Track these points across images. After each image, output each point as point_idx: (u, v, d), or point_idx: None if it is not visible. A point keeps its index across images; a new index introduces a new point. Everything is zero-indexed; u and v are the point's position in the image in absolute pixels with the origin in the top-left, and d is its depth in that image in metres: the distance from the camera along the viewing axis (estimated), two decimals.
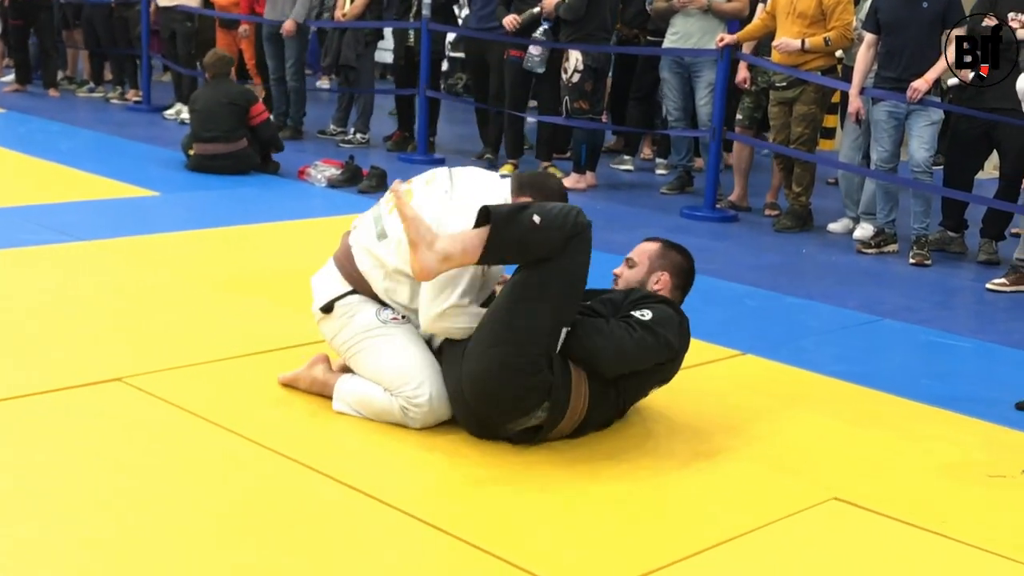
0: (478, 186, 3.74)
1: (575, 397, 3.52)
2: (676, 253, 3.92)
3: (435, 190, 3.73)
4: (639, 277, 3.86)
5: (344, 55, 9.48)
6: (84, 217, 6.46)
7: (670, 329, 3.60)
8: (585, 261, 3.49)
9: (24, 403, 3.68)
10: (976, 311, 5.75)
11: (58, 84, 12.30)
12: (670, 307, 3.69)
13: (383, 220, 3.77)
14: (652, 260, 3.89)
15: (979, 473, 3.60)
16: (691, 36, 7.89)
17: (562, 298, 3.46)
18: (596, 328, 3.53)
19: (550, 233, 3.40)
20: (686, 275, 3.90)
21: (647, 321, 3.56)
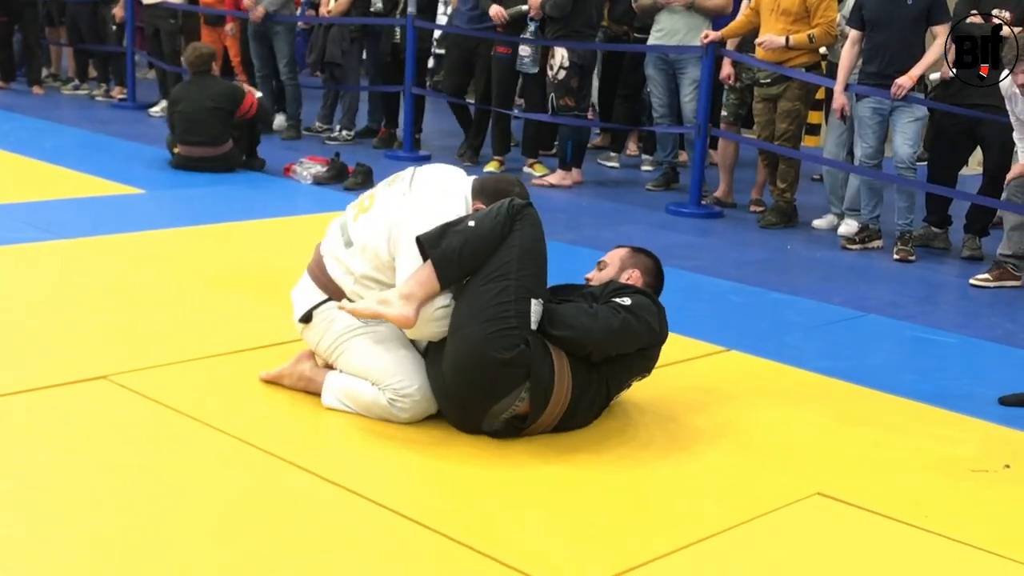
0: (437, 184, 3.78)
1: (558, 382, 3.53)
2: (645, 256, 4.04)
3: (394, 192, 3.80)
4: (610, 276, 3.94)
5: (329, 52, 9.47)
6: (69, 215, 6.45)
7: (650, 314, 3.69)
8: (535, 234, 3.59)
9: (8, 401, 3.67)
10: (960, 306, 5.78)
11: (42, 81, 12.25)
12: (647, 296, 3.78)
13: (348, 228, 3.81)
14: (623, 260, 4.00)
15: (962, 468, 3.62)
16: (676, 33, 7.90)
17: (521, 269, 3.53)
18: (582, 310, 3.62)
19: (490, 229, 3.53)
20: (655, 275, 4.00)
21: (628, 305, 3.65)
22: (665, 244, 6.62)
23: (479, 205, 3.74)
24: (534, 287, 3.54)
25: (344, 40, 9.48)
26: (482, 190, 3.81)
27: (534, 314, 3.52)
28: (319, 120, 10.18)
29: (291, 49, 9.91)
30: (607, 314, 3.60)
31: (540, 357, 3.51)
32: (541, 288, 3.58)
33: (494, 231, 3.53)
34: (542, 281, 3.60)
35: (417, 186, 3.78)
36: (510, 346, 3.45)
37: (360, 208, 3.85)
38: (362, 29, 9.60)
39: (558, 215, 7.34)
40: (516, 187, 3.89)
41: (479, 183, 3.85)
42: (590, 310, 3.61)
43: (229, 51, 10.48)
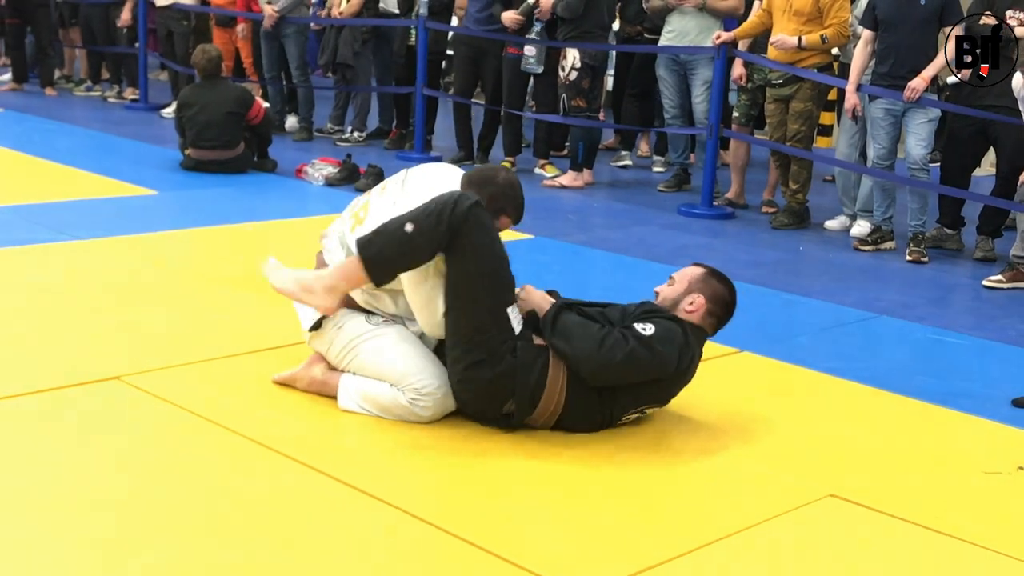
0: (428, 186, 3.75)
1: (548, 392, 3.54)
2: (718, 282, 3.80)
3: (386, 200, 3.80)
4: (674, 296, 3.75)
5: (341, 53, 9.48)
6: (82, 216, 6.46)
7: (670, 347, 3.52)
8: (487, 239, 3.52)
9: (22, 402, 3.68)
10: (973, 308, 5.76)
11: (55, 83, 12.28)
12: (678, 325, 3.60)
13: (346, 238, 3.82)
14: (692, 282, 3.77)
15: (975, 470, 3.61)
16: (687, 34, 7.90)
17: (484, 288, 3.52)
18: (591, 331, 3.51)
19: (429, 234, 3.46)
20: (724, 305, 3.78)
21: (646, 335, 3.50)
22: (677, 245, 6.63)
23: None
24: (504, 297, 3.53)
25: (356, 41, 9.48)
26: (470, 182, 3.78)
27: (515, 320, 3.54)
28: (331, 121, 10.19)
29: (302, 51, 9.93)
30: (614, 344, 3.46)
31: (531, 364, 3.52)
32: (507, 293, 3.56)
33: (432, 242, 3.48)
34: (508, 284, 3.57)
35: (409, 189, 3.78)
36: (495, 362, 3.50)
37: (356, 219, 3.85)
38: (373, 30, 9.61)
39: (569, 216, 7.34)
40: (501, 173, 3.86)
41: (466, 177, 3.82)
42: (600, 332, 3.49)
43: (241, 52, 10.50)
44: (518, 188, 3.85)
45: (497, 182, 3.79)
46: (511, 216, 3.83)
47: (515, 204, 3.82)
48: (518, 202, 3.84)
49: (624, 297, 3.99)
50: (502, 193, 3.77)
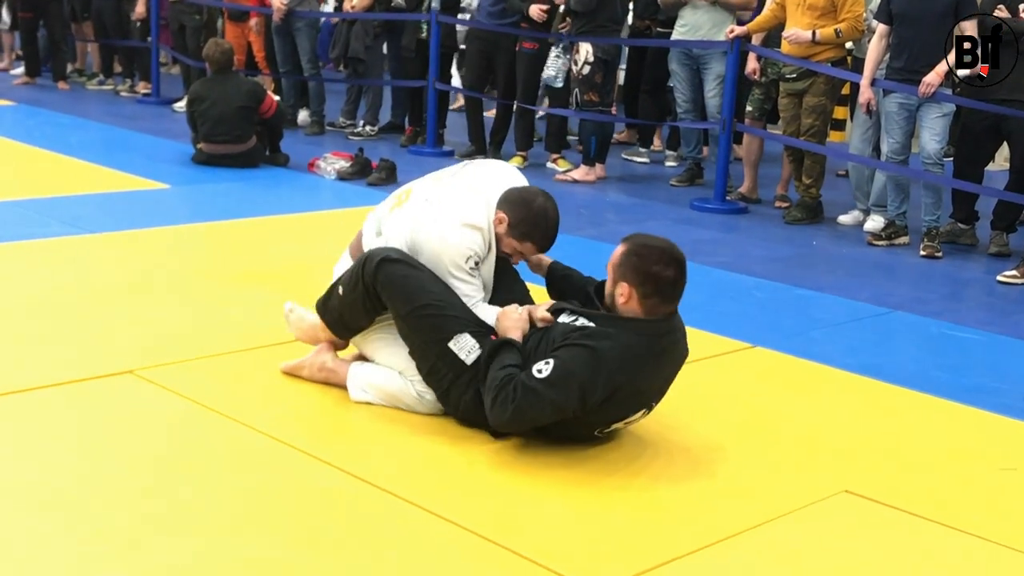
0: (460, 199, 3.75)
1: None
2: (637, 258, 3.36)
3: (419, 197, 3.82)
4: (609, 291, 3.46)
5: (352, 47, 9.46)
6: (94, 210, 6.47)
7: (564, 387, 3.25)
8: (403, 289, 3.57)
9: (35, 395, 3.69)
10: (987, 303, 5.74)
11: (67, 77, 12.30)
12: (588, 351, 3.28)
13: (381, 219, 3.87)
14: (614, 270, 3.43)
15: (990, 466, 3.59)
16: (700, 28, 7.88)
17: (416, 331, 3.59)
18: (491, 386, 3.36)
19: (353, 295, 3.69)
20: (653, 280, 3.34)
21: (537, 379, 3.27)
22: (690, 240, 6.60)
23: (501, 215, 3.71)
24: (437, 337, 3.54)
25: (367, 36, 9.47)
26: (506, 200, 3.75)
27: (463, 351, 3.52)
28: (343, 116, 10.18)
29: (313, 45, 9.92)
30: (504, 400, 3.29)
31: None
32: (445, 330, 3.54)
33: (359, 302, 3.69)
34: (442, 322, 3.55)
35: (447, 194, 3.78)
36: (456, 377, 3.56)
37: (397, 201, 3.89)
38: (385, 24, 9.60)
39: (582, 211, 7.33)
40: (539, 199, 3.75)
41: (507, 194, 3.77)
42: (498, 385, 3.31)
43: (253, 47, 10.49)
44: (552, 218, 3.76)
45: (532, 207, 3.72)
46: (536, 243, 3.78)
47: (543, 233, 3.76)
48: (547, 232, 3.76)
49: None
50: (532, 220, 3.72)
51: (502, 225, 3.72)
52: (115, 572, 2.68)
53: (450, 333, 3.54)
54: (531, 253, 3.81)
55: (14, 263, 5.28)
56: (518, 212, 3.70)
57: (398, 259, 3.61)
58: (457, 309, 3.60)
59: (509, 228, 3.72)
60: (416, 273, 3.61)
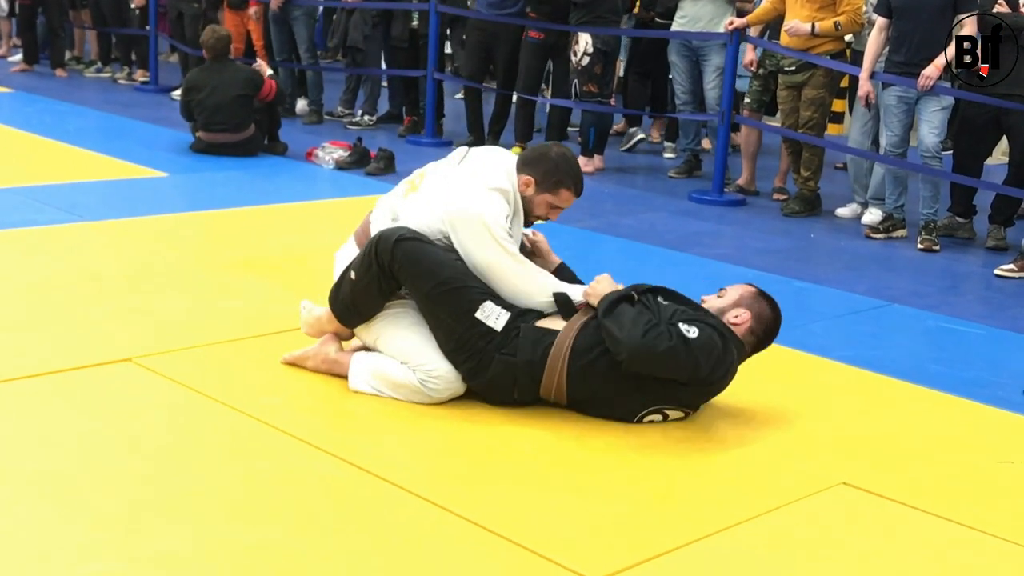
0: (480, 168, 3.83)
1: (548, 374, 3.57)
2: (767, 304, 3.79)
3: (441, 173, 3.88)
4: (721, 306, 3.74)
5: (351, 36, 9.45)
6: (92, 197, 6.46)
7: (706, 356, 3.50)
8: (422, 263, 3.60)
9: (34, 383, 3.69)
10: (984, 297, 5.74)
11: (65, 64, 12.27)
12: (721, 338, 3.57)
13: (395, 206, 3.87)
14: (743, 297, 3.77)
15: (987, 459, 3.60)
16: (699, 20, 7.87)
17: (440, 306, 3.61)
18: (642, 320, 3.48)
19: (367, 278, 3.66)
20: (767, 327, 3.77)
21: (689, 337, 3.48)
22: (688, 232, 6.61)
23: (525, 178, 3.78)
24: (463, 308, 3.58)
25: (366, 25, 9.46)
26: (525, 162, 3.84)
27: (491, 318, 3.58)
28: (341, 105, 10.17)
29: (311, 34, 9.91)
30: (659, 335, 3.44)
31: (528, 350, 3.57)
32: (470, 300, 3.59)
33: (373, 285, 3.66)
34: (466, 292, 3.60)
35: (462, 170, 3.84)
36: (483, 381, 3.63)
37: (411, 186, 3.91)
38: (383, 14, 9.58)
39: (580, 202, 7.26)
40: (554, 148, 3.91)
41: (521, 157, 3.88)
42: (650, 322, 3.47)
43: (252, 35, 10.47)
44: (574, 160, 3.90)
45: (551, 157, 3.84)
46: (571, 188, 3.86)
47: (573, 176, 3.86)
48: (576, 173, 3.88)
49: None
50: (557, 167, 3.82)
51: (530, 187, 3.79)
52: (113, 558, 2.68)
53: (474, 303, 3.59)
54: (568, 202, 3.89)
55: (12, 251, 5.28)
56: (541, 166, 3.80)
57: (412, 237, 3.64)
58: (474, 279, 3.65)
59: (538, 185, 3.80)
60: (432, 249, 3.65)
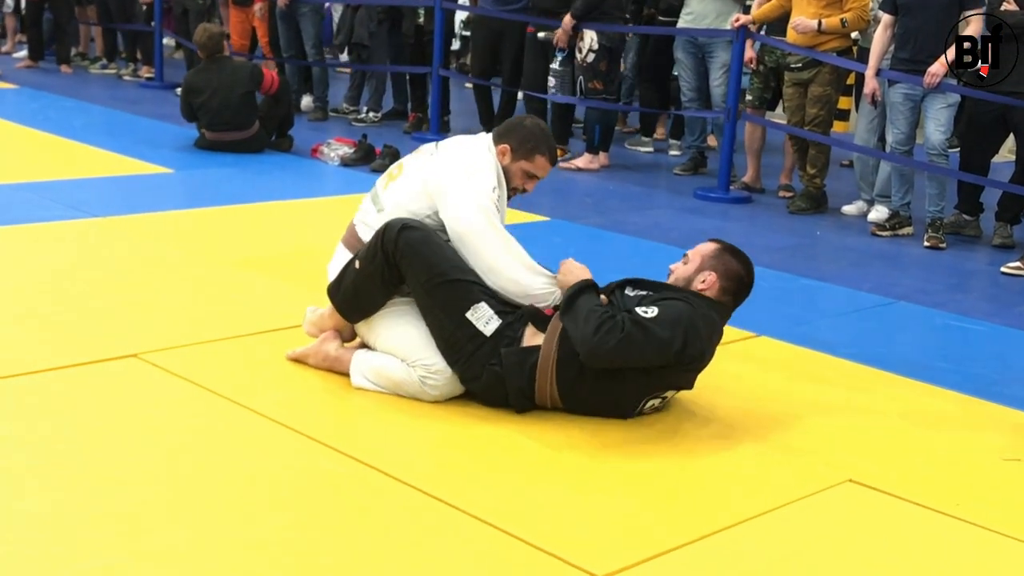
0: (460, 142, 3.94)
1: (539, 388, 3.57)
2: (732, 257, 3.75)
3: (422, 155, 3.94)
4: (687, 275, 3.72)
5: (357, 33, 9.45)
6: (97, 194, 6.47)
7: (670, 330, 3.43)
8: (423, 256, 3.60)
9: (39, 379, 3.69)
10: (991, 294, 5.73)
11: (71, 60, 12.28)
12: (686, 304, 3.52)
13: (379, 196, 3.92)
14: (704, 259, 3.73)
15: (993, 456, 3.59)
16: (705, 17, 7.87)
17: (436, 301, 3.61)
18: (591, 317, 3.44)
19: (371, 267, 3.66)
20: (738, 281, 3.72)
21: (646, 318, 3.43)
22: (693, 229, 6.60)
23: (502, 147, 3.87)
24: (457, 306, 3.58)
25: (371, 21, 9.46)
26: (499, 133, 3.94)
27: (481, 321, 3.57)
28: (346, 101, 10.17)
29: (317, 30, 9.90)
30: (610, 329, 3.38)
31: (515, 366, 3.56)
32: (465, 299, 3.59)
33: (375, 275, 3.66)
34: (462, 291, 3.60)
35: (443, 147, 3.93)
36: (477, 389, 3.63)
37: (390, 177, 3.96)
38: (389, 11, 9.58)
39: (586, 199, 7.32)
40: (527, 119, 4.02)
41: (495, 130, 3.98)
42: (601, 316, 3.42)
43: (257, 32, 10.48)
44: (547, 129, 4.02)
45: (525, 125, 3.95)
46: (545, 154, 3.92)
47: (547, 142, 3.94)
48: (549, 141, 3.96)
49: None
50: (531, 134, 3.91)
51: (506, 156, 3.88)
52: (117, 554, 2.68)
53: (468, 302, 3.58)
54: (544, 170, 3.95)
55: (17, 246, 5.28)
56: (516, 135, 3.90)
57: (416, 227, 3.66)
58: (473, 275, 3.66)
59: (513, 152, 3.88)
60: (436, 241, 3.66)
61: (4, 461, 3.12)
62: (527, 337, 3.61)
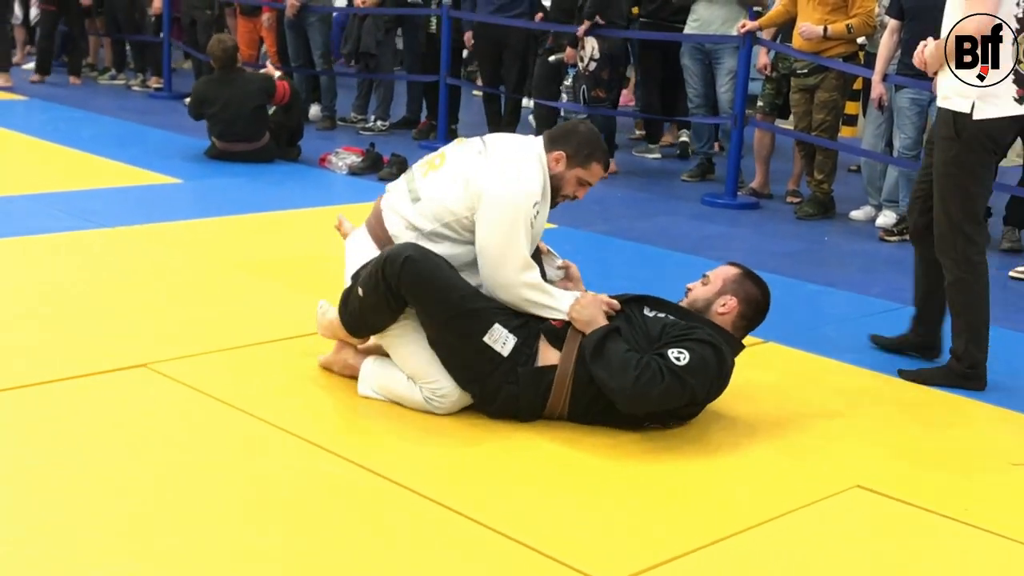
0: (511, 145, 3.83)
1: (552, 403, 3.58)
2: (753, 284, 3.79)
3: (468, 150, 3.82)
4: (707, 296, 3.75)
5: (364, 42, 9.48)
6: (107, 204, 6.49)
7: (702, 378, 3.48)
8: (429, 285, 3.55)
9: (49, 389, 3.70)
10: (999, 299, 5.66)
11: (80, 72, 12.31)
12: (714, 351, 3.53)
13: (416, 183, 3.82)
14: (726, 283, 3.76)
15: (1002, 461, 3.59)
16: (712, 23, 7.88)
17: (448, 329, 3.58)
18: (630, 361, 3.43)
19: (375, 296, 3.58)
20: (755, 308, 3.77)
21: (680, 367, 3.43)
22: (701, 235, 6.61)
23: (556, 154, 3.78)
24: (471, 331, 3.55)
25: (379, 30, 9.48)
26: (553, 139, 3.85)
27: (498, 343, 3.54)
28: (354, 110, 10.20)
29: (326, 40, 9.93)
30: (651, 379, 3.38)
31: (531, 386, 3.56)
32: (478, 322, 3.56)
33: (380, 303, 3.60)
34: (473, 315, 3.57)
35: (492, 147, 3.82)
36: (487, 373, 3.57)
37: (431, 165, 3.85)
38: (396, 19, 9.61)
39: (593, 206, 7.31)
40: (581, 124, 3.97)
41: (548, 134, 3.88)
42: (638, 365, 3.40)
43: (265, 41, 10.52)
44: (599, 134, 3.97)
45: (581, 131, 3.88)
46: (601, 161, 3.88)
47: (602, 149, 3.90)
48: (604, 148, 3.93)
49: (648, 288, 3.97)
50: (587, 141, 3.84)
51: (560, 164, 3.79)
52: (126, 561, 2.69)
53: (483, 327, 3.55)
54: (597, 177, 3.90)
55: (28, 257, 5.30)
56: (571, 141, 3.81)
57: (419, 258, 3.56)
58: (483, 300, 3.63)
59: (570, 160, 3.80)
60: (440, 270, 3.58)
61: (13, 469, 3.14)
62: (542, 353, 3.60)
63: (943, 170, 4.21)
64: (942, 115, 4.21)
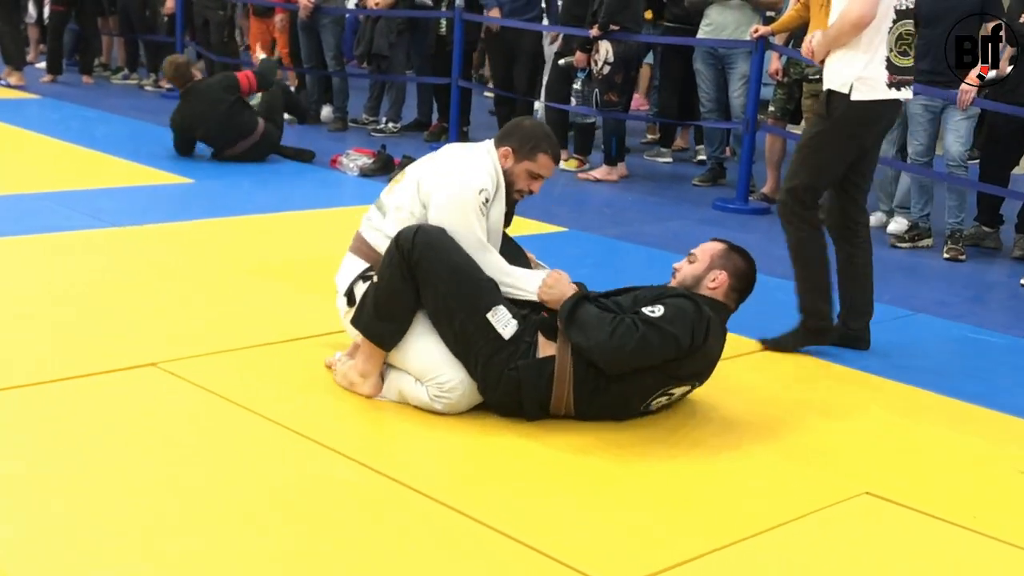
0: (460, 147, 4.00)
1: (556, 396, 3.58)
2: (739, 256, 3.85)
3: (423, 159, 3.97)
4: (696, 273, 3.79)
5: (376, 44, 9.49)
6: (118, 203, 6.50)
7: (681, 326, 3.50)
8: (442, 256, 3.59)
9: (59, 387, 3.71)
10: (1010, 307, 5.71)
11: (92, 71, 12.34)
12: (690, 302, 3.58)
13: (383, 199, 3.96)
14: (713, 258, 3.81)
15: (1011, 469, 3.58)
16: (725, 28, 7.88)
17: (456, 302, 3.59)
18: (604, 320, 3.50)
19: (390, 276, 3.63)
20: (745, 279, 3.83)
21: (655, 318, 3.49)
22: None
23: (504, 150, 3.87)
24: (477, 306, 3.57)
25: (391, 32, 9.50)
26: (499, 137, 3.95)
27: (500, 323, 3.57)
28: (365, 112, 10.22)
29: (338, 41, 9.95)
30: (625, 332, 3.44)
31: (533, 376, 3.56)
32: (484, 299, 3.59)
33: (394, 277, 3.62)
34: (481, 292, 3.60)
35: (442, 151, 3.97)
36: (491, 354, 3.56)
37: (395, 181, 4.00)
38: (408, 21, 9.62)
39: (604, 210, 7.33)
40: (525, 120, 4.04)
41: (497, 135, 3.98)
42: (612, 322, 3.47)
43: (277, 43, 10.54)
44: (547, 128, 4.06)
45: (524, 126, 3.97)
46: (548, 152, 3.92)
47: (548, 140, 3.94)
48: (551, 138, 3.97)
49: None
50: (531, 135, 3.91)
51: (509, 159, 3.88)
52: (134, 562, 2.70)
53: (488, 303, 3.59)
54: (547, 168, 3.94)
55: (39, 256, 5.32)
56: (516, 135, 3.91)
57: (432, 229, 3.65)
58: (492, 280, 3.67)
59: (516, 154, 3.88)
60: (452, 242, 3.64)
61: (23, 467, 3.15)
62: (540, 346, 3.61)
63: (805, 141, 4.65)
64: (821, 96, 4.59)
